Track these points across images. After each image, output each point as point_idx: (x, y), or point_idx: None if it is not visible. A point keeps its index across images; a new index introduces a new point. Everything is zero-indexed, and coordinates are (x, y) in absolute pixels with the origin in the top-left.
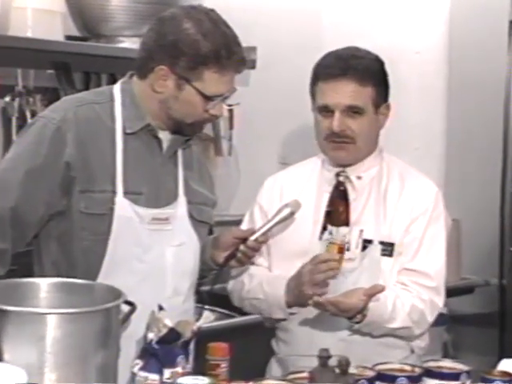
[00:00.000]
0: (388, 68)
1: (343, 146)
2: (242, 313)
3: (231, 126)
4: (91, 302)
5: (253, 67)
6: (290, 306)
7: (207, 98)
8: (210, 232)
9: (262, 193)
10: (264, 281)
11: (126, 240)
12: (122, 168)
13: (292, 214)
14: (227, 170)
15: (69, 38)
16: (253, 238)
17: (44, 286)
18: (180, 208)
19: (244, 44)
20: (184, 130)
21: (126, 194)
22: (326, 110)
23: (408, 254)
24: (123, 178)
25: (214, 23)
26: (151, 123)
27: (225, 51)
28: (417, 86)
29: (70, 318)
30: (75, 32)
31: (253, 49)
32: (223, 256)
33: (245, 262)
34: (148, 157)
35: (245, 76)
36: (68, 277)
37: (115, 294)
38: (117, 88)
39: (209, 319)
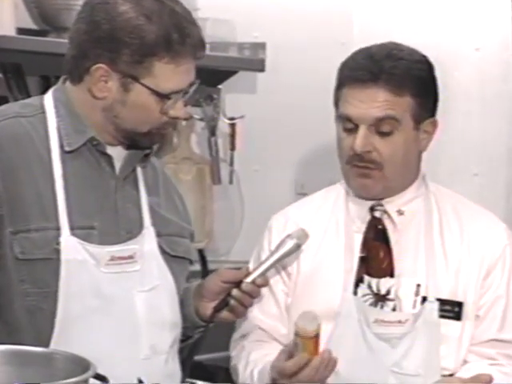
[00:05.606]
0: (436, 70)
1: (367, 172)
2: None
3: (233, 147)
4: (50, 377)
5: (261, 69)
6: None
7: (163, 97)
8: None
9: (268, 236)
10: (256, 370)
11: (80, 290)
12: (64, 196)
13: (298, 246)
14: (227, 202)
15: (21, 31)
16: (249, 279)
17: None
18: (148, 242)
19: (250, 39)
20: (139, 142)
21: (74, 229)
22: (348, 124)
23: (494, 321)
24: (67, 209)
25: None
26: (96, 136)
27: (177, 34)
28: (476, 93)
29: None
30: (30, 24)
31: (261, 45)
32: (211, 307)
33: (240, 313)
34: (97, 179)
35: (250, 80)
36: None
37: (82, 365)
38: (48, 97)
39: None
